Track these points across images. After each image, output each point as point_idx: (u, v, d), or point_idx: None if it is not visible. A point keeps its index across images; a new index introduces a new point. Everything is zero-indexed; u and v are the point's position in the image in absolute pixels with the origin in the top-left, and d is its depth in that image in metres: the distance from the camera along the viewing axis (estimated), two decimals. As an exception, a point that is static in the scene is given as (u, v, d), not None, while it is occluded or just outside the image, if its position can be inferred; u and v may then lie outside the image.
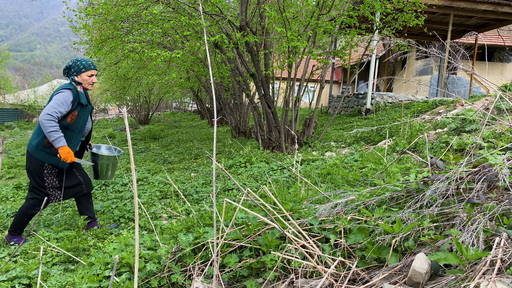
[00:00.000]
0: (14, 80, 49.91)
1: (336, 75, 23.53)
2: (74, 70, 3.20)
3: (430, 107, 8.35)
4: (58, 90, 3.19)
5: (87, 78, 3.22)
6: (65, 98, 3.09)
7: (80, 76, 3.21)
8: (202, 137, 12.00)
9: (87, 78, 3.22)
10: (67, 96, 3.11)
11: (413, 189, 1.90)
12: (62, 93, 3.12)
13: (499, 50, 16.97)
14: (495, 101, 3.10)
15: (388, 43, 15.26)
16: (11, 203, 4.82)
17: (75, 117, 3.19)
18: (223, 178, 4.86)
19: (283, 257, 1.50)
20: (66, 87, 3.18)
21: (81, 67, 3.19)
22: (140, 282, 1.75)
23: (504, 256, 1.16)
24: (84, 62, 3.21)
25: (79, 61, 3.22)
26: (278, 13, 5.87)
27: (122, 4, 6.72)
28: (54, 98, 3.11)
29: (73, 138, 3.24)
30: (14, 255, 2.91)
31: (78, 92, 3.19)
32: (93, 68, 3.23)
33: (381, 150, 4.66)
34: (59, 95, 3.11)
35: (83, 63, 3.21)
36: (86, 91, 3.34)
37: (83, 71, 3.20)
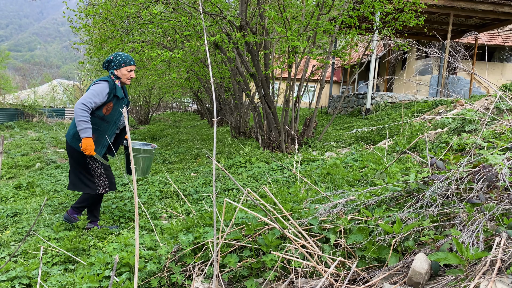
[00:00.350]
0: (14, 80, 49.93)
1: (336, 75, 23.53)
2: (114, 64, 3.27)
3: (430, 107, 8.35)
4: (96, 81, 3.27)
5: (126, 73, 3.28)
6: (101, 89, 3.17)
7: (120, 71, 3.28)
8: (202, 137, 12.00)
9: (126, 73, 3.28)
10: (103, 88, 3.19)
11: (413, 189, 1.90)
12: (99, 85, 3.20)
13: (499, 50, 16.97)
14: (495, 101, 3.10)
15: (388, 43, 15.27)
16: (11, 203, 4.82)
17: (110, 108, 3.27)
18: (223, 178, 4.86)
19: (283, 257, 1.50)
20: (103, 79, 3.25)
21: (121, 61, 3.26)
22: (140, 282, 1.75)
23: (504, 256, 1.16)
24: (125, 57, 3.27)
25: (120, 56, 3.27)
26: (278, 13, 5.87)
27: (122, 4, 6.72)
28: (91, 88, 3.20)
29: (108, 129, 3.31)
30: (14, 255, 2.91)
31: (115, 85, 3.26)
32: (132, 63, 3.31)
33: (381, 150, 4.66)
34: (95, 86, 3.19)
35: (123, 58, 3.27)
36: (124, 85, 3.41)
37: (123, 66, 3.26)
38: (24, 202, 4.90)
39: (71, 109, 33.25)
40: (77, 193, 5.00)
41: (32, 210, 4.38)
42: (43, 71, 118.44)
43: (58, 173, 6.77)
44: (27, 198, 5.14)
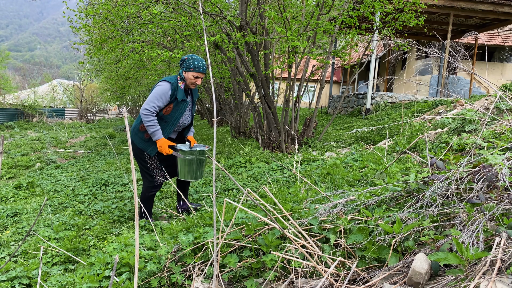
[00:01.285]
0: (14, 80, 49.92)
1: (336, 75, 23.53)
2: (185, 66, 3.29)
3: (430, 107, 8.35)
4: (161, 81, 3.31)
5: (191, 78, 3.28)
6: (163, 92, 3.22)
7: (187, 73, 3.29)
8: (202, 137, 12.00)
9: (191, 78, 3.28)
10: (166, 90, 3.23)
11: (413, 189, 1.90)
12: (161, 87, 3.24)
13: (499, 50, 16.97)
14: (495, 101, 3.10)
15: (388, 43, 15.26)
16: (11, 203, 4.82)
17: (170, 109, 3.31)
18: (223, 178, 4.86)
19: (283, 257, 1.50)
20: (167, 80, 3.29)
21: (191, 65, 3.26)
22: (140, 282, 1.75)
23: (504, 256, 1.16)
24: (196, 63, 3.26)
25: (192, 60, 3.28)
26: (278, 13, 5.87)
27: (122, 4, 6.72)
28: (154, 91, 3.25)
29: (165, 128, 3.36)
30: (14, 255, 2.91)
31: (177, 87, 3.28)
32: (201, 71, 3.28)
33: (381, 150, 4.66)
34: (158, 88, 3.24)
35: (194, 63, 3.26)
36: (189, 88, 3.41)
37: (191, 70, 3.26)
38: (24, 202, 4.90)
39: (71, 109, 33.27)
40: (76, 193, 5.00)
41: (32, 210, 4.39)
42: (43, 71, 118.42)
43: (58, 173, 6.77)
44: (27, 198, 5.14)
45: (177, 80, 3.31)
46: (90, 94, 31.91)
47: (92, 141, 13.29)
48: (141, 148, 3.37)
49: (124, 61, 10.12)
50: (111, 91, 18.12)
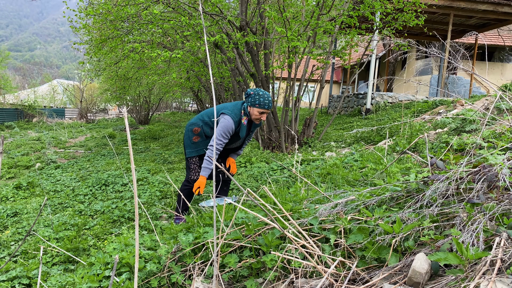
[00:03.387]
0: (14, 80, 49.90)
1: (336, 75, 23.53)
2: (250, 101, 3.25)
3: (430, 107, 8.35)
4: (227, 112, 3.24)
5: (257, 113, 3.25)
6: (229, 130, 3.21)
7: (252, 109, 3.26)
8: (202, 137, 11.98)
9: (256, 114, 3.25)
10: (231, 127, 3.21)
11: (413, 189, 1.90)
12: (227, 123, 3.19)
13: (499, 50, 16.97)
14: (495, 101, 3.10)
15: (388, 43, 15.26)
16: (11, 203, 4.82)
17: None
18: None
19: (283, 257, 1.50)
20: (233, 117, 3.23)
21: (256, 102, 3.22)
22: (140, 282, 1.75)
23: (504, 256, 1.16)
24: (262, 99, 3.22)
25: (259, 96, 3.23)
26: (278, 13, 5.87)
27: (122, 4, 6.72)
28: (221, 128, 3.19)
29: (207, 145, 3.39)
30: (14, 255, 2.91)
31: (240, 125, 3.28)
32: (267, 108, 3.24)
33: (381, 150, 4.66)
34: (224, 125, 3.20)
35: (260, 99, 3.22)
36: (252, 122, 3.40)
37: (256, 106, 3.23)
38: (24, 202, 4.90)
39: (71, 109, 33.25)
40: (76, 193, 5.00)
41: (32, 210, 4.38)
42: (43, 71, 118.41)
43: (58, 173, 6.77)
44: (27, 198, 5.14)
45: (241, 115, 3.28)
46: (90, 94, 31.90)
47: (92, 141, 13.29)
48: (185, 144, 3.46)
49: (124, 61, 10.12)
50: (111, 91, 18.12)
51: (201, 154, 3.44)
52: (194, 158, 3.45)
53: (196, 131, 3.40)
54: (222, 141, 3.21)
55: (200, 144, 3.42)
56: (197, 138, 3.41)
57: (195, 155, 3.43)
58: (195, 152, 3.42)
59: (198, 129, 3.41)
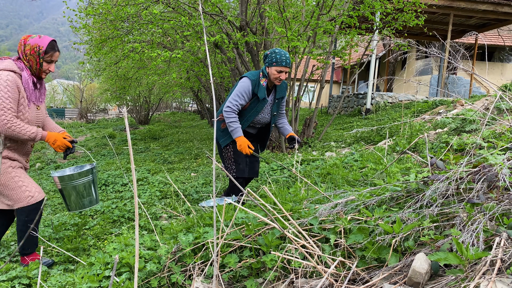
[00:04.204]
0: (14, 80, 49.77)
1: (336, 75, 23.53)
2: (267, 61, 3.12)
3: (430, 107, 8.35)
4: (242, 76, 3.18)
5: (275, 73, 3.10)
6: (245, 90, 3.10)
7: (270, 69, 3.12)
8: (202, 137, 12.00)
9: (275, 73, 3.11)
10: (247, 87, 3.11)
11: (413, 189, 1.90)
12: (243, 84, 3.11)
13: (499, 50, 16.97)
14: (495, 101, 3.10)
15: (388, 43, 15.25)
16: (11, 203, 4.82)
17: (247, 105, 3.20)
18: (223, 178, 4.86)
19: (283, 257, 1.50)
20: (249, 76, 3.15)
21: (273, 60, 3.08)
22: (140, 282, 1.75)
23: (504, 256, 1.16)
24: (279, 56, 3.07)
25: (275, 54, 3.10)
26: (278, 13, 5.87)
27: (122, 4, 6.72)
28: (236, 89, 3.12)
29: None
30: (14, 255, 2.91)
31: (259, 85, 3.14)
32: (284, 65, 3.08)
33: (381, 150, 4.66)
34: (240, 85, 3.12)
35: (277, 56, 3.08)
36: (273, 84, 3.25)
37: (273, 65, 3.09)
38: (24, 202, 4.89)
39: (71, 109, 33.25)
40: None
41: (32, 210, 4.38)
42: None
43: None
44: (27, 198, 5.14)
45: (259, 76, 3.16)
46: (90, 94, 31.91)
47: (92, 141, 13.29)
48: (217, 137, 3.31)
49: (124, 61, 10.12)
50: (111, 91, 18.12)
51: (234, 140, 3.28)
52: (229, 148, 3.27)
53: (221, 119, 3.27)
54: (237, 102, 3.09)
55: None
56: (224, 124, 3.26)
57: (229, 142, 3.26)
58: (229, 138, 3.24)
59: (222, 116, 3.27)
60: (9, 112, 2.45)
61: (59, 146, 2.65)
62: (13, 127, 2.46)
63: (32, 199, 2.60)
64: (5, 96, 2.44)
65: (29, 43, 2.56)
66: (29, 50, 2.55)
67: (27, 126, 2.52)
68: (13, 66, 2.53)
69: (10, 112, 2.45)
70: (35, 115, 2.67)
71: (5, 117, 2.43)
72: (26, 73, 2.57)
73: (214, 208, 1.26)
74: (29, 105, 2.61)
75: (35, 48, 2.55)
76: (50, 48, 2.58)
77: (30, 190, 2.61)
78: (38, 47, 2.54)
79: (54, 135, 2.65)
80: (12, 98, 2.47)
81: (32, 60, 2.56)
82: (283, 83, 3.31)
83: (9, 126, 2.44)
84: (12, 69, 2.51)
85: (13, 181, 2.57)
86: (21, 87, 2.54)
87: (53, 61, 2.64)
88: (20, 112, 2.55)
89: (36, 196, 2.62)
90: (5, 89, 2.44)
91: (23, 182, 2.60)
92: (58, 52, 2.64)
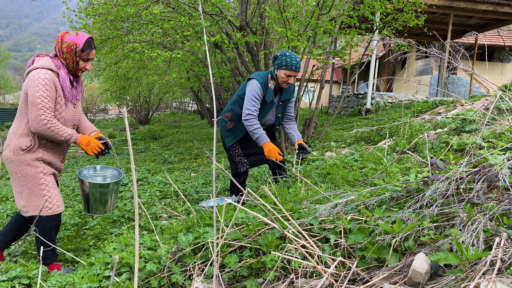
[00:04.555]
0: (14, 80, 49.89)
1: (336, 75, 23.52)
2: (277, 63, 3.07)
3: (430, 107, 8.35)
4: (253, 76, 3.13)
5: (283, 76, 3.06)
6: (258, 92, 3.07)
7: (279, 72, 3.08)
8: (202, 137, 12.00)
9: (283, 76, 3.06)
10: (259, 90, 3.07)
11: (413, 189, 1.90)
12: (254, 87, 3.06)
13: (499, 50, 16.97)
14: (495, 101, 3.10)
15: (388, 43, 15.25)
16: (11, 203, 4.82)
17: None
18: (223, 178, 4.86)
19: (283, 257, 1.50)
20: (258, 79, 3.10)
21: (283, 63, 3.03)
22: (140, 282, 1.75)
23: (504, 256, 1.16)
24: (289, 60, 3.03)
25: (285, 57, 3.05)
26: (278, 13, 5.87)
27: (122, 4, 6.72)
28: (248, 92, 3.07)
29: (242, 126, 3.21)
30: (14, 255, 2.91)
31: (267, 88, 3.11)
32: (294, 69, 3.04)
33: (381, 150, 4.65)
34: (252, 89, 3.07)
35: (287, 60, 3.03)
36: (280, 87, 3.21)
37: (283, 68, 3.03)
38: (24, 202, 4.89)
39: (71, 109, 33.24)
40: (77, 193, 4.99)
41: (32, 210, 4.38)
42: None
43: (58, 173, 6.76)
44: (27, 198, 5.14)
45: (267, 78, 3.12)
46: (90, 94, 31.92)
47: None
48: (222, 136, 3.31)
49: (124, 61, 10.12)
50: (111, 91, 18.12)
51: (240, 139, 3.26)
52: (236, 147, 3.28)
53: (227, 117, 3.25)
54: (255, 106, 3.03)
55: (235, 128, 3.24)
56: (230, 123, 3.25)
57: (234, 142, 3.25)
58: (234, 139, 3.24)
59: (229, 114, 3.25)
60: (48, 111, 2.40)
61: (92, 148, 2.58)
62: (52, 127, 2.41)
63: (50, 211, 2.53)
64: (44, 95, 2.39)
65: (66, 40, 2.49)
66: (65, 48, 2.49)
67: (63, 127, 2.47)
68: (50, 64, 2.47)
69: (49, 112, 2.41)
70: (72, 114, 2.62)
71: (44, 117, 2.38)
72: (63, 71, 2.51)
73: (214, 208, 1.26)
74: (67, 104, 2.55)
75: (72, 46, 2.48)
76: (86, 46, 2.51)
77: (51, 202, 2.54)
78: (75, 45, 2.48)
79: (87, 138, 2.58)
80: (50, 97, 2.42)
81: (69, 58, 2.50)
82: (291, 86, 3.28)
83: (48, 126, 2.39)
84: (50, 67, 2.46)
85: (39, 188, 2.51)
86: (59, 85, 2.48)
87: (89, 59, 2.57)
88: (57, 111, 2.50)
89: (53, 209, 2.55)
90: (43, 88, 2.39)
91: (47, 191, 2.54)
92: (94, 50, 2.58)
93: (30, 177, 2.49)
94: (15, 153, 2.47)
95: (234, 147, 3.29)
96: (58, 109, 2.50)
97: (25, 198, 2.51)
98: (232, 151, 3.31)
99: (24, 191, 2.50)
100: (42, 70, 2.42)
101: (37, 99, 2.37)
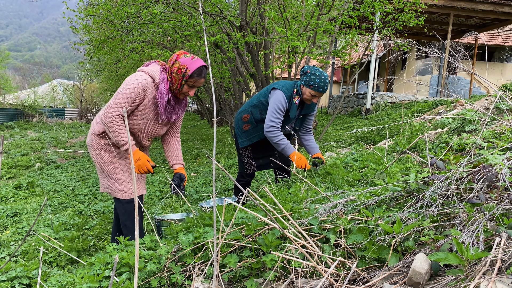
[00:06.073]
0: (14, 80, 49.90)
1: (336, 75, 23.53)
2: (305, 80, 3.03)
3: (430, 107, 8.35)
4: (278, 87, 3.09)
5: (308, 94, 3.04)
6: (283, 104, 3.03)
7: (304, 88, 3.05)
8: (202, 137, 12.00)
9: (308, 95, 3.04)
10: (284, 102, 3.04)
11: (413, 189, 1.90)
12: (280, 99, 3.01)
13: (499, 50, 16.97)
14: (495, 101, 3.09)
15: (388, 43, 15.26)
16: (11, 203, 4.82)
17: None
18: (223, 178, 4.87)
19: (283, 257, 1.50)
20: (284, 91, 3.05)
21: (311, 82, 2.99)
22: (140, 282, 1.75)
23: (504, 256, 1.16)
24: (318, 80, 2.99)
25: (315, 76, 3.00)
26: (278, 13, 5.87)
27: (122, 4, 6.72)
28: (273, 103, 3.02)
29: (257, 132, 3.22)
30: (14, 255, 2.91)
31: (292, 103, 3.09)
32: (321, 91, 3.03)
33: (381, 150, 4.65)
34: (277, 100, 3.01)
35: (316, 80, 2.99)
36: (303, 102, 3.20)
37: (310, 87, 3.00)
38: (24, 202, 4.90)
39: (71, 109, 33.24)
40: (76, 193, 5.00)
41: (32, 210, 4.39)
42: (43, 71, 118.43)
43: (58, 173, 6.76)
44: (27, 198, 5.14)
45: (293, 93, 3.08)
46: (90, 94, 31.92)
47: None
48: (236, 134, 3.31)
49: (124, 61, 10.12)
50: (111, 91, 18.12)
51: (254, 143, 3.27)
52: (247, 149, 3.29)
53: (245, 118, 3.22)
54: (279, 118, 3.00)
55: (251, 131, 3.23)
56: (247, 126, 3.23)
57: (247, 145, 3.25)
58: (248, 141, 3.24)
59: (247, 116, 3.22)
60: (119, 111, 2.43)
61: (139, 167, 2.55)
62: (113, 123, 2.42)
63: (125, 194, 2.57)
64: (126, 96, 2.41)
65: (179, 61, 2.46)
66: (176, 68, 2.46)
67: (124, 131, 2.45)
68: (155, 74, 2.48)
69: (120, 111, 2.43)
70: (152, 127, 2.62)
71: (112, 112, 2.41)
72: (164, 87, 2.49)
73: (214, 208, 1.26)
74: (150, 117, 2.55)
75: (183, 68, 2.45)
76: (197, 73, 2.46)
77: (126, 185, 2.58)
78: (185, 69, 2.44)
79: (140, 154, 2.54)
80: (132, 100, 2.43)
81: (175, 79, 2.48)
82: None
83: (110, 121, 2.42)
84: (153, 76, 2.47)
85: (114, 172, 2.56)
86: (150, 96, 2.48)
87: (195, 86, 2.54)
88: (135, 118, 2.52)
89: (128, 193, 2.58)
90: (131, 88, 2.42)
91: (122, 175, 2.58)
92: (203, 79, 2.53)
93: (105, 161, 2.56)
94: (92, 138, 2.58)
95: (246, 149, 3.31)
96: (137, 115, 2.52)
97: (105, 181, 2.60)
98: (243, 152, 3.32)
99: (102, 175, 2.59)
100: (144, 74, 2.47)
101: (119, 95, 2.43)
